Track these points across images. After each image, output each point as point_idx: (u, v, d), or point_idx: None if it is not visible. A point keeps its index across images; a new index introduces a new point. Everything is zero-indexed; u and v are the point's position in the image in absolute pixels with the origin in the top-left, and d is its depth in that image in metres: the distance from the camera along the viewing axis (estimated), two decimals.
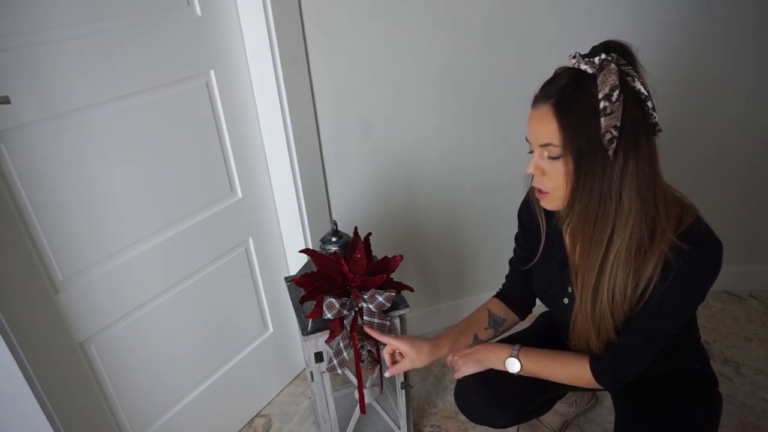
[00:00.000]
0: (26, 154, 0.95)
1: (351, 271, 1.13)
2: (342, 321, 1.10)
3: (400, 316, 1.20)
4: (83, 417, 1.12)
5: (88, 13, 1.00)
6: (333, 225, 1.24)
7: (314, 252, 1.15)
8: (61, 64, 0.97)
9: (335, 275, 1.12)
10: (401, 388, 1.29)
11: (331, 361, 1.13)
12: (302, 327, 1.16)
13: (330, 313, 1.07)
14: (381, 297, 1.10)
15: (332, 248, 1.20)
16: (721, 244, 0.86)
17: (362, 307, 1.12)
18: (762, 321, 1.76)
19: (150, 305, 1.22)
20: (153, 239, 1.20)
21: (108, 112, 1.06)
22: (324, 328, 1.14)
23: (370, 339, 1.12)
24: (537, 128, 0.85)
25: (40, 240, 1.00)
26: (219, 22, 1.23)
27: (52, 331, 1.04)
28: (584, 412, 1.47)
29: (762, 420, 1.42)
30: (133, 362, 1.21)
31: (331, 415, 1.27)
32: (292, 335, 1.67)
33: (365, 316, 1.12)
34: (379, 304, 1.11)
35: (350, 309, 1.11)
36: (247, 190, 1.40)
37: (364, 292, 1.12)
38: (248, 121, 1.37)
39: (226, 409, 1.50)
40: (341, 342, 1.11)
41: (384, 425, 1.41)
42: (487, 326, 1.17)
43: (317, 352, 1.18)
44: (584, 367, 0.99)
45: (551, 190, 0.88)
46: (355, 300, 1.12)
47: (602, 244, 0.86)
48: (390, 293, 1.11)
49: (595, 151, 0.80)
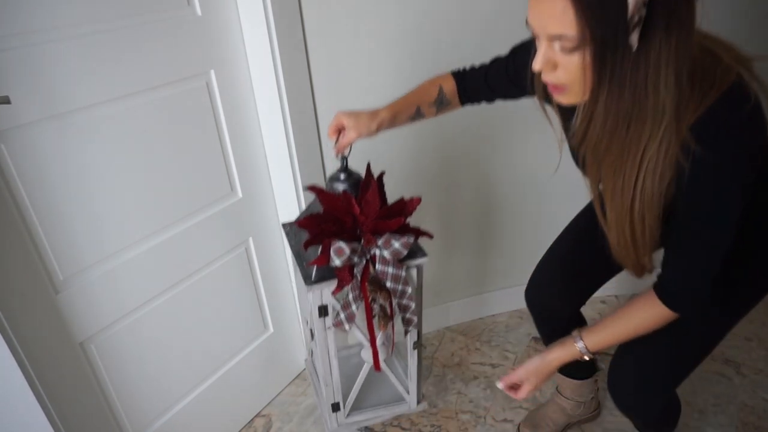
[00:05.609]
0: (26, 154, 0.95)
1: (362, 214, 0.97)
2: (352, 270, 0.97)
3: (417, 266, 1.05)
4: (83, 417, 1.12)
5: (88, 13, 1.00)
6: (342, 160, 1.06)
7: (321, 190, 1.00)
8: (61, 64, 0.96)
9: (344, 217, 0.97)
10: (413, 348, 1.16)
11: (338, 315, 1.00)
12: (305, 276, 1.01)
13: (339, 259, 0.93)
14: (397, 243, 0.94)
15: (341, 187, 1.04)
16: (751, 116, 0.69)
17: (375, 255, 0.97)
18: (762, 321, 1.76)
19: (150, 305, 1.22)
20: (153, 239, 1.20)
21: (108, 112, 1.06)
22: (330, 277, 1.00)
23: (384, 290, 1.00)
24: (544, 13, 0.68)
25: (40, 240, 1.00)
26: (219, 22, 1.23)
27: (52, 331, 1.04)
28: (589, 419, 1.47)
29: (762, 420, 1.42)
30: (133, 362, 1.21)
31: (334, 377, 1.14)
32: (292, 335, 1.67)
33: (378, 265, 0.97)
34: (394, 251, 0.95)
35: (361, 256, 0.96)
36: (247, 190, 1.40)
37: (377, 237, 0.96)
38: (248, 121, 1.37)
39: (226, 409, 1.50)
40: (350, 294, 0.98)
41: (390, 390, 1.27)
42: (433, 103, 1.06)
43: (321, 305, 1.03)
44: (653, 303, 0.87)
45: (569, 84, 0.73)
46: (367, 246, 0.97)
47: (636, 154, 0.72)
48: (407, 239, 0.95)
49: (622, 38, 0.64)
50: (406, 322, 1.07)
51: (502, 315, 1.90)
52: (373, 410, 1.23)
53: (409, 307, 1.04)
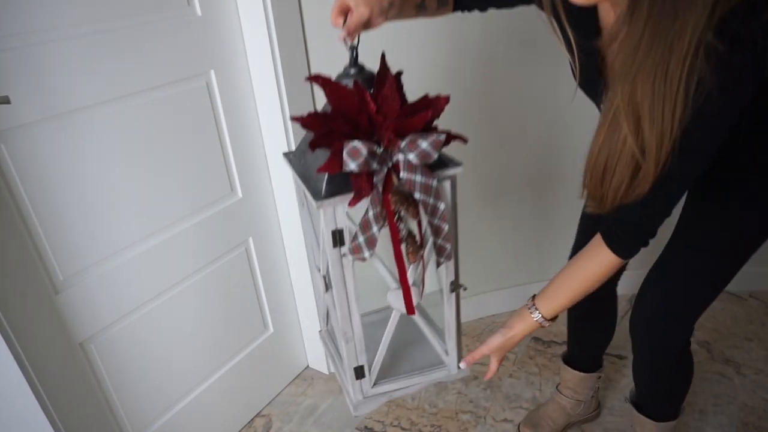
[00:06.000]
0: (26, 154, 0.95)
1: (380, 113, 0.79)
2: (371, 178, 0.77)
3: (450, 177, 0.84)
4: (83, 417, 1.12)
5: (88, 13, 1.00)
6: (351, 51, 0.87)
7: (327, 81, 0.80)
8: (61, 64, 0.96)
9: (358, 116, 0.78)
10: (450, 291, 0.92)
11: (355, 238, 0.79)
12: (314, 192, 0.81)
13: (354, 162, 0.74)
14: (425, 143, 0.75)
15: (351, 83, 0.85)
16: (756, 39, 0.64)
17: (397, 162, 0.78)
18: (762, 321, 1.76)
19: (150, 305, 1.22)
20: (153, 239, 1.20)
21: (108, 112, 1.06)
22: (345, 190, 0.79)
23: (411, 205, 0.78)
24: None
25: (40, 240, 1.00)
26: (219, 22, 1.23)
27: (52, 331, 1.04)
28: (588, 419, 1.47)
29: (762, 420, 1.42)
30: (133, 362, 1.21)
31: (356, 329, 0.90)
32: (292, 335, 1.67)
33: (403, 173, 0.77)
34: (422, 152, 0.75)
35: (381, 162, 0.77)
36: (247, 190, 1.40)
37: (400, 139, 0.77)
38: (248, 121, 1.37)
39: (226, 409, 1.50)
40: (370, 210, 0.78)
41: (423, 355, 1.03)
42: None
43: (336, 229, 0.80)
44: (598, 249, 0.85)
45: None
46: (389, 149, 0.78)
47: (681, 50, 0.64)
48: (437, 137, 0.76)
49: None
50: (439, 251, 0.86)
51: (502, 315, 1.90)
52: (406, 377, 0.99)
53: (442, 230, 0.83)
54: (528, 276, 1.86)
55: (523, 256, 1.83)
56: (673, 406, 1.22)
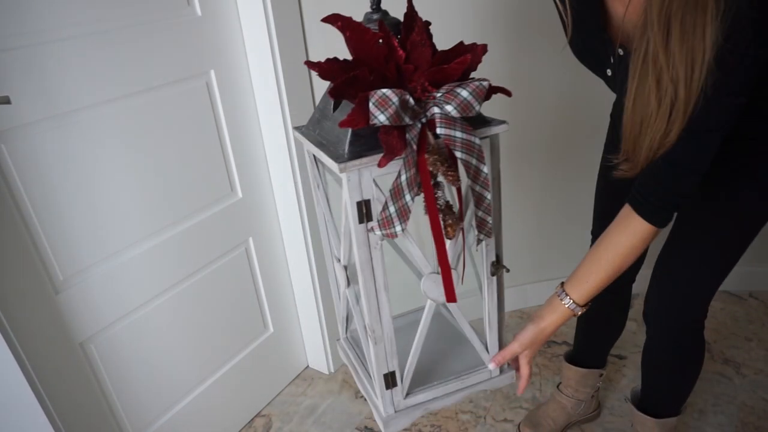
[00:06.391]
0: (26, 154, 0.95)
1: (410, 61, 0.67)
2: (403, 134, 0.64)
3: (491, 137, 0.72)
4: (83, 417, 1.12)
5: (88, 13, 1.00)
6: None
7: (348, 22, 0.66)
8: (61, 64, 0.97)
9: (385, 66, 0.66)
10: (491, 274, 0.80)
11: (385, 209, 0.66)
12: (334, 155, 0.67)
13: (382, 113, 0.61)
14: (465, 91, 0.64)
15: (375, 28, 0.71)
16: None
17: (433, 117, 0.65)
18: (762, 321, 1.76)
19: (150, 305, 1.22)
20: (153, 239, 1.20)
21: (108, 112, 1.06)
22: (372, 152, 0.66)
23: (451, 169, 0.66)
24: None
25: (40, 240, 1.00)
26: (219, 22, 1.23)
27: (52, 331, 1.04)
28: (588, 419, 1.47)
29: (762, 420, 1.42)
30: (133, 362, 1.21)
31: (386, 327, 0.76)
32: (292, 335, 1.67)
33: (440, 128, 0.65)
34: (463, 103, 0.64)
35: (415, 116, 0.64)
36: (247, 190, 1.40)
37: (436, 89, 0.65)
38: (248, 121, 1.37)
39: (226, 409, 1.50)
40: (403, 174, 0.64)
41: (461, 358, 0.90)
42: None
43: (362, 200, 0.68)
44: (630, 219, 0.81)
45: None
46: (423, 99, 0.65)
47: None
48: (480, 85, 0.64)
49: None
50: (480, 224, 0.72)
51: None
52: (443, 383, 0.84)
53: (484, 199, 0.69)
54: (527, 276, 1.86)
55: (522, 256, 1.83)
56: (677, 401, 1.21)
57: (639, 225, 0.81)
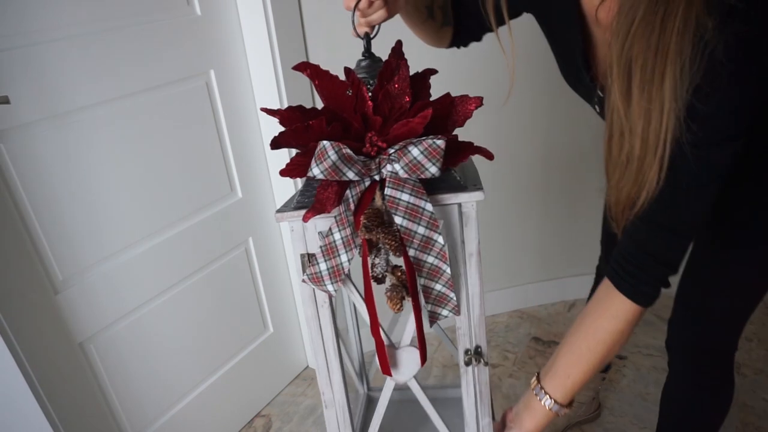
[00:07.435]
0: (26, 154, 0.95)
1: (378, 112, 0.61)
2: (342, 191, 0.60)
3: (459, 205, 0.62)
4: (83, 417, 1.12)
5: (88, 13, 1.00)
6: (365, 39, 0.74)
7: (316, 71, 0.62)
8: (61, 64, 0.97)
9: (351, 116, 0.61)
10: (464, 363, 0.68)
11: (315, 264, 0.61)
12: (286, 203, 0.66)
13: (318, 166, 0.57)
14: (416, 149, 0.57)
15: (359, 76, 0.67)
16: None
17: (386, 177, 0.59)
18: (762, 321, 1.76)
19: (150, 305, 1.22)
20: (153, 239, 1.20)
21: (108, 111, 1.06)
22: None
23: (390, 236, 0.58)
24: None
25: (40, 240, 1.00)
26: (219, 22, 1.23)
27: (52, 331, 1.04)
28: (589, 420, 1.47)
29: (762, 420, 1.42)
30: (133, 362, 1.21)
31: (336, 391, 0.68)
32: (292, 335, 1.67)
33: (388, 188, 0.59)
34: (411, 162, 0.57)
35: (364, 173, 0.59)
36: (247, 190, 1.40)
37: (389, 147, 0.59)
38: (248, 121, 1.37)
39: (226, 409, 1.50)
40: (337, 231, 0.60)
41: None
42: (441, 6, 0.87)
43: (306, 252, 0.64)
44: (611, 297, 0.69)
45: None
46: (374, 156, 0.60)
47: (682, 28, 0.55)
48: (434, 143, 0.56)
49: None
50: (438, 299, 0.63)
51: (501, 315, 1.90)
52: None
53: (440, 272, 0.61)
54: (527, 277, 1.86)
55: (522, 256, 1.83)
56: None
57: (621, 305, 0.70)
